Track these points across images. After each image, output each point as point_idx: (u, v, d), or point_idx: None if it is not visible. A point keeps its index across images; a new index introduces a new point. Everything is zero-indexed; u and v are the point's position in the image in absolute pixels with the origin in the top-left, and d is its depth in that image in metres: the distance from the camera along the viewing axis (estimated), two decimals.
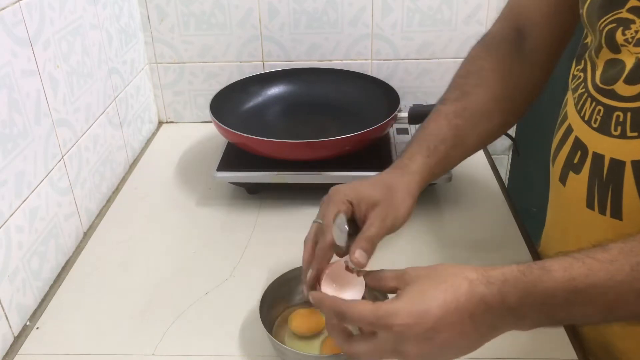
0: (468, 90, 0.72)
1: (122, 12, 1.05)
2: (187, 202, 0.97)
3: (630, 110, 0.53)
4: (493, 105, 0.71)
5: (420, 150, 0.68)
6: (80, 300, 0.77)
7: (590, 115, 0.58)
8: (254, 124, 1.01)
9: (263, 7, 1.11)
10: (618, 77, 0.55)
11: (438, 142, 0.68)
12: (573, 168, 0.61)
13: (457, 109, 0.71)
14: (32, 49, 0.75)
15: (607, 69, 0.57)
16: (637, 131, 0.53)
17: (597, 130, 0.57)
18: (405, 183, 0.66)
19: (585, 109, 0.59)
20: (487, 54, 0.75)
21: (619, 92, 0.55)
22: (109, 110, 0.99)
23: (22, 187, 0.73)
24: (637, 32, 0.53)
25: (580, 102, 0.60)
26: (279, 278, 0.72)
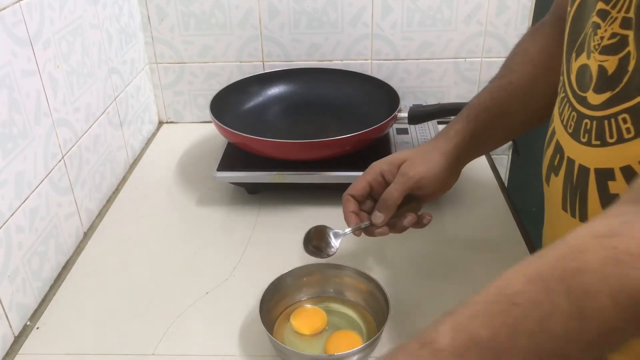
0: (513, 68, 0.73)
1: (122, 12, 1.05)
2: (187, 202, 0.97)
3: (596, 119, 0.53)
4: (533, 83, 0.72)
5: (461, 119, 0.70)
6: (80, 300, 0.77)
7: (567, 120, 0.58)
8: (254, 124, 1.01)
9: (263, 7, 1.11)
10: (589, 84, 0.54)
11: (480, 111, 0.70)
12: (554, 170, 0.61)
13: (502, 83, 0.72)
14: (32, 49, 0.75)
15: (580, 74, 0.56)
16: (599, 140, 0.53)
17: (570, 135, 0.57)
18: (438, 144, 0.69)
19: (564, 113, 0.59)
20: (532, 39, 0.76)
21: (590, 100, 0.54)
22: (109, 110, 0.99)
23: (22, 187, 0.73)
24: (602, 39, 0.52)
25: (562, 105, 0.61)
26: (279, 278, 0.72)
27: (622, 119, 0.49)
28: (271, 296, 0.70)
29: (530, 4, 1.11)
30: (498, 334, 0.39)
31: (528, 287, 0.39)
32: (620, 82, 0.50)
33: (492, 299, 0.41)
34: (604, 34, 0.51)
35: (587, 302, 0.37)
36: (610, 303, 0.36)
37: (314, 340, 0.69)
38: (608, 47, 0.51)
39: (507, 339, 0.39)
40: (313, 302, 0.73)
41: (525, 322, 0.38)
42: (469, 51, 1.15)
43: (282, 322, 0.71)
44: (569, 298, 0.37)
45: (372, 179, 0.71)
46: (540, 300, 0.38)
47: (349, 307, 0.73)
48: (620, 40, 0.50)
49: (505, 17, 1.11)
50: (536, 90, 0.72)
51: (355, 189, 0.71)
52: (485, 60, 1.16)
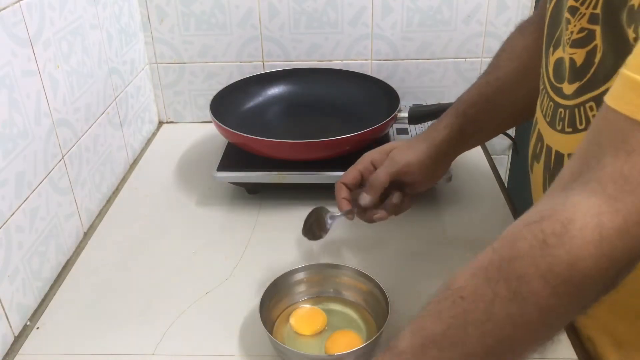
0: (500, 64, 0.76)
1: (122, 12, 1.05)
2: (187, 202, 0.97)
3: (568, 108, 0.56)
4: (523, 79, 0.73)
5: (450, 114, 0.73)
6: (80, 300, 0.77)
7: (545, 110, 0.62)
8: (254, 124, 1.01)
9: (263, 7, 1.11)
10: (565, 76, 0.58)
11: (468, 106, 0.73)
12: (536, 158, 0.65)
13: (489, 79, 0.75)
14: (32, 49, 0.75)
15: (557, 67, 0.60)
16: (571, 127, 0.56)
17: (548, 124, 0.61)
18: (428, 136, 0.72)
19: (544, 103, 0.63)
20: (519, 35, 0.78)
21: (564, 90, 0.58)
22: (109, 110, 0.99)
23: (22, 187, 0.73)
24: (572, 33, 0.55)
25: (542, 96, 0.64)
26: (279, 278, 0.72)
27: (589, 107, 0.53)
28: (271, 296, 0.70)
29: (530, 4, 1.11)
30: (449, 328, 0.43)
31: (472, 280, 0.43)
32: (588, 73, 0.53)
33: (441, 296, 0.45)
34: (574, 28, 0.55)
35: (522, 287, 0.40)
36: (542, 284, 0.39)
37: (314, 341, 0.69)
38: (577, 40, 0.54)
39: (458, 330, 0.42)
40: (313, 302, 0.73)
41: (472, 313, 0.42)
42: (469, 51, 1.15)
43: (282, 322, 0.71)
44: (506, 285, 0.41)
45: (364, 168, 0.73)
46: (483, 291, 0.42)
47: (348, 307, 0.73)
48: (587, 34, 0.53)
49: (505, 17, 1.11)
50: (522, 85, 0.74)
51: (347, 177, 0.73)
52: (485, 60, 1.15)
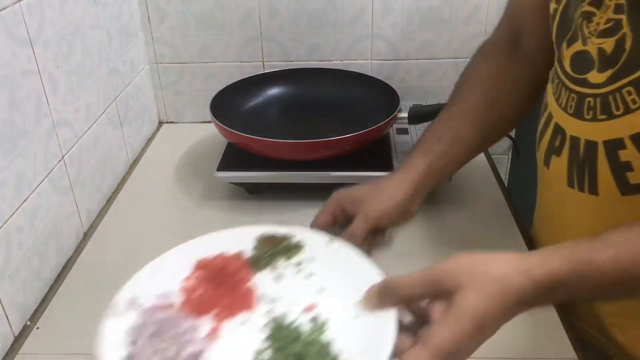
0: (463, 95, 0.76)
1: (122, 12, 1.05)
2: (187, 202, 0.97)
3: (599, 96, 0.59)
4: (489, 107, 0.74)
5: (416, 153, 0.72)
6: (80, 300, 0.77)
7: (565, 103, 0.64)
8: (254, 124, 1.01)
9: (263, 7, 1.11)
10: (590, 67, 0.60)
11: (433, 143, 0.72)
12: (555, 151, 0.66)
13: (453, 111, 0.75)
14: (32, 49, 0.75)
15: (576, 59, 0.62)
16: (605, 114, 0.58)
17: (572, 115, 0.63)
18: (395, 180, 0.70)
19: (562, 97, 0.64)
20: (481, 60, 0.79)
21: (591, 80, 0.60)
22: (109, 110, 0.99)
23: (22, 187, 0.73)
24: (599, 25, 0.58)
25: (557, 91, 0.65)
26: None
27: (627, 91, 0.56)
28: None
29: None
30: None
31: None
32: (619, 60, 0.56)
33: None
34: (600, 20, 0.58)
35: None
36: None
37: None
38: (604, 31, 0.58)
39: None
40: None
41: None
42: (469, 51, 1.14)
43: None
44: None
45: (334, 212, 0.69)
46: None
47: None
48: (614, 24, 0.57)
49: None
50: (485, 114, 0.74)
51: (319, 223, 0.69)
52: None
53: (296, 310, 0.53)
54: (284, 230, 0.61)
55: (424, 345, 0.45)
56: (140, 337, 0.50)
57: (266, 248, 0.60)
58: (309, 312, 0.53)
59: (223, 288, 0.55)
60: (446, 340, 0.45)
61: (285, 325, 0.52)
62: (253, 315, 0.53)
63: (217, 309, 0.53)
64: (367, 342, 0.48)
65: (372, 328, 0.49)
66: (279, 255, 0.60)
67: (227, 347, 0.50)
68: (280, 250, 0.60)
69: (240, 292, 0.55)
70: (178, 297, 0.55)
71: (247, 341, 0.50)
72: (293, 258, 0.60)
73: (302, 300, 0.54)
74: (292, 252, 0.60)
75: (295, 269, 0.58)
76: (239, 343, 0.50)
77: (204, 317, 0.53)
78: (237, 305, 0.54)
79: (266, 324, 0.52)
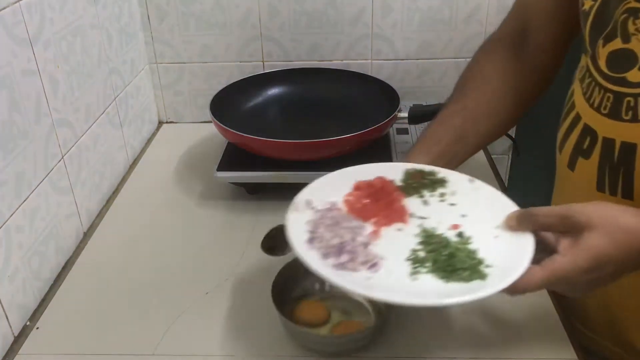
0: (467, 92, 0.75)
1: (122, 12, 1.05)
2: (187, 202, 0.97)
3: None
4: (493, 104, 0.73)
5: (417, 152, 0.72)
6: (80, 300, 0.77)
7: (599, 102, 0.61)
8: (254, 124, 1.01)
9: (263, 7, 1.11)
10: (631, 65, 0.58)
11: (434, 142, 0.72)
12: (582, 153, 0.64)
13: (456, 109, 0.74)
14: (32, 49, 0.75)
15: (614, 58, 0.60)
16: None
17: (607, 116, 0.60)
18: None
19: (594, 97, 0.62)
20: (487, 57, 0.77)
21: (630, 79, 0.58)
22: (109, 110, 0.99)
23: (22, 187, 0.73)
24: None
25: (589, 90, 0.63)
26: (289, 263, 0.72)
27: None
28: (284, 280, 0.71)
29: None
30: None
31: None
32: None
33: None
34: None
35: None
36: None
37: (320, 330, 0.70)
38: None
39: None
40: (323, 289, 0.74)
41: None
42: (469, 51, 1.14)
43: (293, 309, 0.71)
44: None
45: None
46: None
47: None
48: None
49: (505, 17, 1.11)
50: (491, 111, 0.74)
51: None
52: None
53: (443, 227, 0.61)
54: (429, 167, 0.70)
55: (542, 267, 0.52)
56: (320, 227, 0.61)
57: (413, 180, 0.68)
58: (454, 229, 0.61)
59: (381, 203, 0.65)
60: (563, 268, 0.51)
61: (435, 234, 0.60)
62: (406, 227, 0.62)
63: (376, 218, 0.63)
64: (507, 255, 0.56)
65: (513, 244, 0.57)
66: (425, 187, 0.67)
67: (387, 244, 0.60)
68: (426, 183, 0.68)
69: (395, 208, 0.64)
70: (342, 206, 0.65)
71: (403, 242, 0.60)
72: (437, 190, 0.67)
73: (448, 220, 0.62)
74: (437, 185, 0.68)
75: (439, 198, 0.66)
76: (397, 243, 0.60)
77: (366, 222, 0.62)
78: (392, 217, 0.63)
79: (418, 234, 0.61)
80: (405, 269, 0.57)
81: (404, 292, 0.54)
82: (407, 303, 0.53)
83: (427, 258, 0.57)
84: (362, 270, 0.56)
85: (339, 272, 0.55)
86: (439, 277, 0.55)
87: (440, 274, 0.55)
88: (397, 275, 0.56)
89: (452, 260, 0.56)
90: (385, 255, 0.58)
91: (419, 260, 0.57)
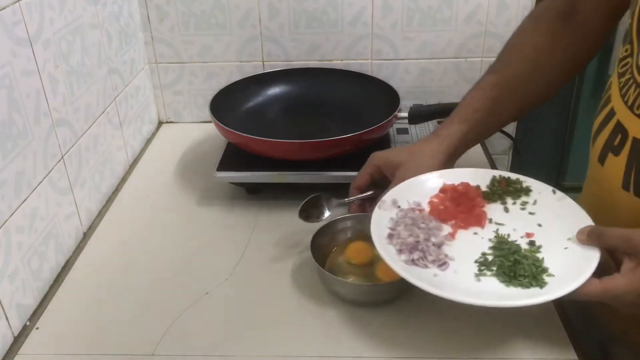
0: (510, 63, 0.76)
1: (122, 12, 1.05)
2: (187, 202, 0.97)
3: None
4: (534, 76, 0.74)
5: (453, 119, 0.74)
6: (80, 300, 0.77)
7: (633, 101, 0.60)
8: (254, 124, 1.01)
9: (263, 7, 1.11)
10: None
11: (472, 111, 0.74)
12: (613, 150, 0.64)
13: (497, 80, 0.75)
14: (32, 49, 0.75)
15: None
16: None
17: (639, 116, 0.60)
18: (432, 147, 0.74)
19: (630, 94, 0.61)
20: (533, 27, 0.77)
21: None
22: (109, 110, 0.99)
23: (22, 187, 0.73)
24: None
25: (626, 87, 0.62)
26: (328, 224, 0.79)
27: None
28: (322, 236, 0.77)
29: (530, 4, 1.11)
30: None
31: None
32: None
33: None
34: None
35: None
36: None
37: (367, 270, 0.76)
38: None
39: None
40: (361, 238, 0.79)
41: None
42: (469, 51, 1.15)
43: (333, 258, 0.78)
44: None
45: (373, 172, 0.76)
46: None
47: None
48: None
49: (505, 17, 1.11)
50: (530, 87, 0.75)
51: (357, 183, 0.78)
52: (486, 60, 1.16)
53: (517, 234, 0.66)
54: (515, 175, 0.74)
55: (600, 282, 0.56)
56: (399, 225, 0.67)
57: (498, 187, 0.73)
58: (527, 238, 0.66)
59: (462, 207, 0.70)
60: (619, 287, 0.55)
61: (507, 241, 0.65)
62: (482, 231, 0.68)
63: (455, 221, 0.69)
64: (571, 267, 0.60)
65: (579, 257, 0.61)
66: (509, 194, 0.72)
67: (461, 246, 0.66)
68: (510, 190, 0.72)
69: (474, 213, 0.69)
70: (426, 207, 0.71)
71: (476, 246, 0.65)
72: (520, 198, 0.72)
73: (523, 228, 0.67)
74: (521, 194, 0.72)
75: (520, 207, 0.71)
76: (470, 245, 0.66)
77: (445, 224, 0.68)
78: (471, 221, 0.69)
79: (491, 239, 0.66)
80: (472, 270, 0.62)
81: (465, 292, 0.59)
82: (466, 302, 0.57)
83: (493, 262, 0.62)
84: (431, 267, 0.62)
85: (408, 267, 0.61)
86: (500, 280, 0.60)
87: (502, 277, 0.60)
88: (463, 275, 0.61)
89: (516, 267, 0.61)
90: (455, 256, 0.64)
91: (486, 263, 0.62)
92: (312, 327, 0.71)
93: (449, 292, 0.57)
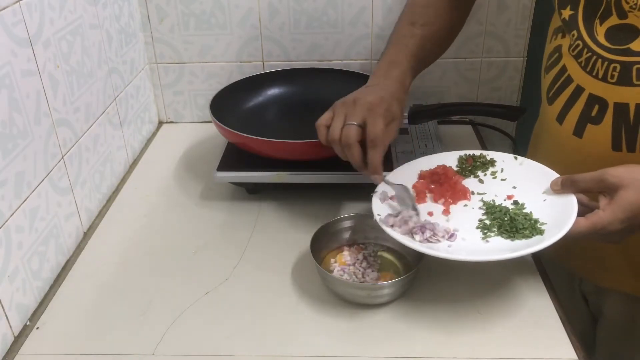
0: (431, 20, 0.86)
1: (122, 12, 1.05)
2: (187, 202, 0.97)
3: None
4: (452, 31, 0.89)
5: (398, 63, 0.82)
6: (80, 300, 0.77)
7: (604, 73, 0.69)
8: (254, 124, 1.01)
9: (263, 7, 1.11)
10: (633, 37, 0.66)
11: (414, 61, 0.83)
12: (591, 120, 0.72)
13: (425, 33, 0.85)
14: (32, 49, 0.75)
15: (613, 33, 0.68)
16: None
17: (616, 84, 0.69)
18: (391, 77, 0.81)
19: (597, 68, 0.70)
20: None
21: (635, 48, 0.66)
22: (109, 110, 0.99)
23: (22, 187, 0.73)
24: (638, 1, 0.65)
25: (590, 64, 0.71)
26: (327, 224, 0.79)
27: None
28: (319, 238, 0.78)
29: (530, 4, 1.11)
30: None
31: None
32: None
33: None
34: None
35: None
36: None
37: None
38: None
39: None
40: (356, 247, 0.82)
41: None
42: (469, 51, 1.15)
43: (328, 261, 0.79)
44: None
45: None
46: None
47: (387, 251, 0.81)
48: None
49: (505, 17, 1.11)
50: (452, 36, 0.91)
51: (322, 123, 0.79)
52: (485, 60, 1.16)
53: (500, 199, 0.75)
54: (478, 151, 0.83)
55: (586, 219, 0.64)
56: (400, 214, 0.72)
57: (467, 164, 0.82)
58: (509, 199, 0.75)
59: (445, 185, 0.77)
60: (604, 219, 0.63)
61: (495, 205, 0.74)
62: (470, 203, 0.76)
63: (444, 199, 0.76)
64: (556, 213, 0.68)
65: (559, 204, 0.70)
66: (478, 169, 0.81)
67: (457, 218, 0.73)
68: (478, 165, 0.81)
69: (458, 189, 0.77)
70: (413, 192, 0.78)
71: (470, 215, 0.74)
72: (489, 169, 0.81)
73: (502, 193, 0.76)
74: (488, 165, 0.81)
75: (492, 176, 0.80)
76: (465, 216, 0.74)
77: (436, 203, 0.76)
78: (458, 196, 0.76)
79: (480, 207, 0.75)
80: (477, 235, 0.70)
81: (484, 252, 0.67)
82: (492, 259, 0.65)
83: (492, 224, 0.71)
84: (443, 241, 0.69)
85: (426, 245, 0.68)
86: (505, 237, 0.69)
87: (506, 234, 0.69)
88: (472, 241, 0.69)
89: (514, 223, 0.69)
90: (458, 227, 0.71)
91: (486, 227, 0.71)
92: (312, 327, 0.71)
93: (472, 256, 0.66)
